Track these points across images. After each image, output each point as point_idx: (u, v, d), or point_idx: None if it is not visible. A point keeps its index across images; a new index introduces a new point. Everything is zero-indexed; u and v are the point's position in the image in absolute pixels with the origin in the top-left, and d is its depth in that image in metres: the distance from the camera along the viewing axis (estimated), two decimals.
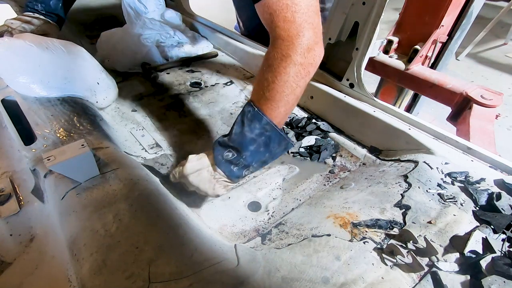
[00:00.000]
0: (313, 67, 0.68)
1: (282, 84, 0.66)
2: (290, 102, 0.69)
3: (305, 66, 0.66)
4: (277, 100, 0.68)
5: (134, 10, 1.47)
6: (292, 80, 0.66)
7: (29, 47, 0.91)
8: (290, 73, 0.65)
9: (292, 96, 0.68)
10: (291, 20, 0.63)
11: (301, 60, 0.65)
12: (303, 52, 0.65)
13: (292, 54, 0.64)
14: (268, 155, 0.73)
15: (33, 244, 0.63)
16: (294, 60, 0.65)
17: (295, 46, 0.64)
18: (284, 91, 0.67)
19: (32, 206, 0.70)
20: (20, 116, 0.87)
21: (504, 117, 2.51)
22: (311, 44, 0.65)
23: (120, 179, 0.68)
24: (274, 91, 0.67)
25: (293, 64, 0.65)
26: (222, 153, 0.72)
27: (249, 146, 0.70)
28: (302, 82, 0.68)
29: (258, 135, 0.69)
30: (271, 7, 0.62)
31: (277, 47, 0.65)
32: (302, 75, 0.67)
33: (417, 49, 1.43)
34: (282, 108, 0.69)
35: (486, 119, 1.19)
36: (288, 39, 0.64)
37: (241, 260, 0.58)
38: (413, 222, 0.66)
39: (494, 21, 3.27)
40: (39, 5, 1.11)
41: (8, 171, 0.78)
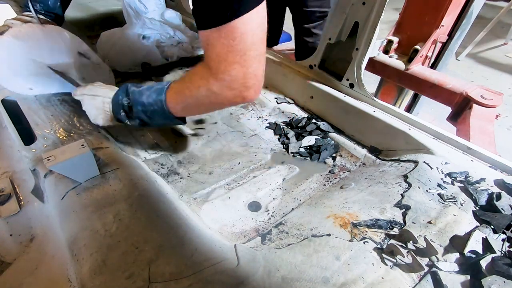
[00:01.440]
0: (230, 103, 0.71)
1: (190, 94, 0.71)
2: (189, 109, 0.77)
3: (219, 98, 0.68)
4: (179, 100, 0.75)
5: (134, 10, 1.47)
6: (200, 98, 0.70)
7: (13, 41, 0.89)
8: (201, 92, 0.69)
9: (194, 108, 0.76)
10: (223, 57, 0.62)
11: (217, 91, 0.67)
12: (222, 87, 0.66)
13: (211, 82, 0.66)
14: (150, 121, 0.81)
15: (33, 244, 0.63)
16: (210, 87, 0.67)
17: (217, 79, 0.65)
18: (188, 100, 0.73)
19: (32, 206, 0.70)
20: (20, 116, 0.87)
21: (504, 117, 2.50)
22: (235, 86, 0.65)
23: (120, 179, 0.68)
24: (182, 93, 0.73)
25: (206, 89, 0.67)
26: (123, 96, 0.80)
27: (138, 106, 0.78)
28: (210, 106, 0.75)
29: (150, 104, 0.77)
30: (209, 40, 0.62)
31: (204, 68, 0.67)
32: (211, 101, 0.70)
33: (417, 49, 1.43)
34: (180, 106, 0.76)
35: (486, 119, 1.19)
36: (214, 70, 0.64)
37: (241, 260, 0.58)
38: (413, 222, 0.66)
39: (494, 21, 3.27)
40: (38, 5, 1.11)
41: (8, 171, 0.78)
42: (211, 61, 0.64)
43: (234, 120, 1.17)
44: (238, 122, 1.16)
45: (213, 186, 0.89)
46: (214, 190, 0.88)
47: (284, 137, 1.08)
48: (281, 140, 1.08)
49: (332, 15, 1.05)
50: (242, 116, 1.19)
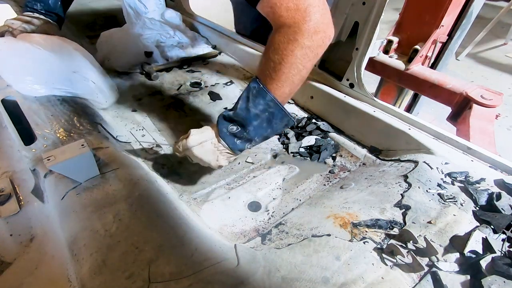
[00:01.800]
0: (321, 48, 0.70)
1: (289, 66, 0.68)
2: (295, 82, 0.71)
3: (312, 48, 0.68)
4: (283, 80, 0.70)
5: (134, 10, 1.47)
6: (299, 62, 0.68)
7: (34, 49, 0.91)
8: (297, 55, 0.67)
9: (298, 76, 0.71)
10: (294, 8, 0.64)
11: (309, 43, 0.67)
12: (310, 36, 0.66)
13: (299, 38, 0.66)
14: (270, 131, 0.76)
15: (33, 244, 0.63)
16: (301, 43, 0.66)
17: (302, 31, 0.65)
18: (290, 72, 0.69)
19: (32, 206, 0.70)
20: (20, 116, 0.87)
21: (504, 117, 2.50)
22: (319, 27, 0.66)
23: (120, 179, 0.68)
24: (280, 72, 0.69)
25: (300, 47, 0.66)
26: (226, 126, 0.75)
27: (253, 121, 0.73)
28: (309, 63, 0.70)
29: (262, 111, 0.72)
30: (271, 1, 0.64)
31: (283, 32, 0.67)
32: (309, 57, 0.69)
33: (417, 49, 1.43)
34: (287, 88, 0.71)
35: (486, 119, 1.19)
36: (294, 25, 0.65)
37: (241, 260, 0.58)
38: (413, 222, 0.66)
39: (494, 21, 3.27)
40: (39, 5, 1.11)
41: (8, 171, 0.78)
42: (285, 19, 0.65)
43: None
44: None
45: (213, 186, 0.89)
46: (214, 190, 0.88)
47: (284, 137, 1.08)
48: (281, 140, 1.08)
49: (332, 15, 1.05)
50: None
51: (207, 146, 0.77)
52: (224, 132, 0.75)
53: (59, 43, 1.00)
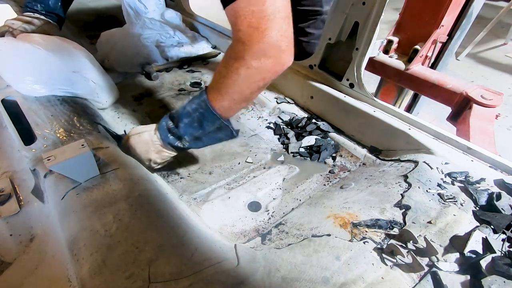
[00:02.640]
0: (270, 73, 0.69)
1: (231, 82, 0.69)
2: (235, 100, 0.72)
3: (260, 71, 0.67)
4: (223, 94, 0.71)
5: (134, 10, 1.47)
6: (241, 81, 0.68)
7: (35, 49, 0.91)
8: (241, 74, 0.67)
9: (239, 95, 0.71)
10: (255, 26, 0.62)
11: (256, 65, 0.65)
12: (259, 58, 0.65)
13: (247, 58, 0.65)
14: (201, 132, 0.76)
15: (33, 244, 0.63)
16: (248, 63, 0.65)
17: (252, 50, 0.64)
18: (231, 88, 0.69)
19: (32, 206, 0.70)
20: (20, 116, 0.87)
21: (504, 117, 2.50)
22: (272, 51, 0.65)
23: (120, 179, 0.68)
24: (222, 85, 0.70)
25: (246, 67, 0.66)
26: (166, 120, 0.78)
27: (184, 118, 0.75)
28: (253, 85, 0.70)
29: (194, 110, 0.74)
30: (238, 12, 0.62)
31: (235, 48, 0.67)
32: (254, 79, 0.68)
33: (417, 49, 1.43)
34: (226, 102, 0.72)
35: (486, 119, 1.19)
36: (248, 43, 0.64)
37: (241, 260, 0.58)
38: (413, 222, 0.66)
39: (494, 21, 3.27)
40: (39, 5, 1.11)
41: (8, 171, 0.78)
42: (242, 35, 0.64)
43: (234, 120, 1.17)
44: (238, 122, 1.16)
45: (213, 186, 0.89)
46: (214, 190, 0.88)
47: (284, 137, 1.08)
48: (281, 140, 1.08)
49: (332, 15, 1.05)
50: (242, 116, 1.19)
51: (143, 136, 0.80)
52: (162, 125, 0.79)
53: (59, 43, 1.00)
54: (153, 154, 0.80)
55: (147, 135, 0.80)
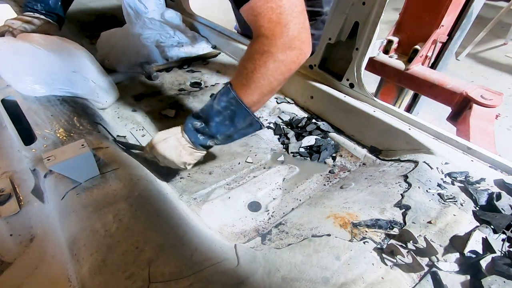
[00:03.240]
0: (295, 64, 0.72)
1: (260, 75, 0.70)
2: (264, 92, 0.73)
3: (286, 63, 0.70)
4: (252, 88, 0.72)
5: (134, 10, 1.47)
6: (270, 74, 0.70)
7: (35, 49, 0.91)
8: (269, 67, 0.69)
9: (268, 87, 0.73)
10: (276, 21, 0.65)
11: (282, 58, 0.68)
12: (285, 50, 0.68)
13: (274, 51, 0.67)
14: (232, 130, 0.77)
15: (33, 244, 0.63)
16: (275, 56, 0.68)
17: (277, 44, 0.67)
18: (260, 82, 0.71)
19: (32, 206, 0.70)
20: (20, 116, 0.87)
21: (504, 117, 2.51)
22: (295, 43, 0.68)
23: (120, 179, 0.68)
24: (251, 80, 0.71)
25: (273, 60, 0.68)
26: (192, 122, 0.78)
27: (215, 117, 0.75)
28: (280, 77, 0.72)
29: (224, 108, 0.74)
30: (256, 10, 0.65)
31: (260, 42, 0.68)
32: (281, 71, 0.70)
33: (417, 49, 1.43)
34: (256, 96, 0.73)
35: (486, 119, 1.19)
36: (272, 37, 0.67)
37: (241, 260, 0.58)
38: (413, 222, 0.66)
39: (494, 21, 3.27)
40: (39, 5, 1.11)
41: (8, 171, 0.78)
42: (265, 30, 0.66)
43: None
44: None
45: (213, 186, 0.89)
46: (214, 190, 0.88)
47: (284, 137, 1.08)
48: (281, 140, 1.08)
49: (332, 15, 1.05)
50: None
51: (170, 141, 0.79)
52: (189, 127, 0.78)
53: (59, 43, 1.00)
54: (186, 157, 0.80)
55: (174, 140, 0.79)
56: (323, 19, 1.36)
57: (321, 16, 1.34)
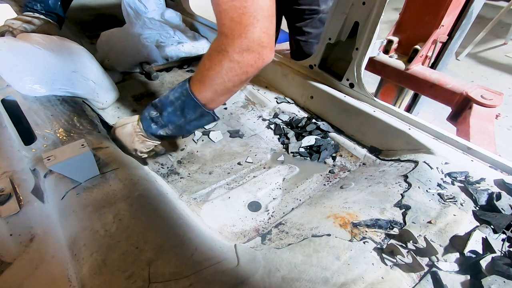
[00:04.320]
0: (253, 68, 0.71)
1: (214, 74, 0.71)
2: (218, 91, 0.74)
3: (242, 65, 0.69)
4: (206, 85, 0.73)
5: (134, 10, 1.47)
6: (225, 74, 0.70)
7: (35, 49, 0.91)
8: (223, 66, 0.69)
9: (221, 87, 0.73)
10: (237, 20, 0.64)
11: (238, 59, 0.68)
12: (242, 52, 0.67)
13: (230, 51, 0.67)
14: (183, 120, 0.79)
15: (33, 244, 0.63)
16: (230, 56, 0.68)
17: (235, 44, 0.66)
18: (214, 80, 0.72)
19: (32, 206, 0.70)
20: (20, 116, 0.87)
21: (504, 117, 2.50)
22: (254, 47, 0.67)
23: (120, 179, 0.68)
24: (206, 77, 0.72)
25: (228, 60, 0.68)
26: (149, 111, 0.81)
27: (168, 108, 0.78)
28: (235, 78, 0.72)
29: (177, 98, 0.77)
30: (221, 5, 0.64)
31: (219, 41, 0.69)
32: (236, 72, 0.70)
33: (417, 49, 1.43)
34: (209, 93, 0.74)
35: (486, 119, 1.19)
36: (230, 37, 0.66)
37: (241, 260, 0.58)
38: (413, 222, 0.66)
39: (494, 21, 3.27)
40: (38, 5, 1.11)
41: (8, 171, 0.78)
42: (225, 28, 0.66)
43: (234, 120, 1.17)
44: (238, 122, 1.16)
45: (213, 186, 0.89)
46: (214, 190, 0.88)
47: (284, 137, 1.08)
48: (281, 140, 1.08)
49: (332, 15, 1.05)
50: (242, 116, 1.19)
51: (127, 128, 0.84)
52: (145, 116, 0.82)
53: (59, 43, 1.00)
54: (138, 145, 0.84)
55: (130, 127, 0.83)
56: (320, 17, 1.36)
57: (318, 14, 1.34)
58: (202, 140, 1.06)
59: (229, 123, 1.15)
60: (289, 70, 1.24)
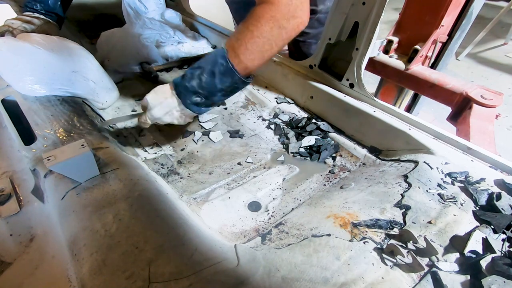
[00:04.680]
0: (295, 32, 0.77)
1: (265, 40, 0.75)
2: (265, 58, 0.79)
3: (288, 30, 0.75)
4: (256, 52, 0.76)
5: (134, 10, 1.47)
6: (273, 40, 0.75)
7: (35, 49, 0.91)
8: (273, 33, 0.74)
9: (269, 53, 0.78)
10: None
11: (285, 25, 0.74)
12: (288, 18, 0.73)
13: (279, 18, 0.73)
14: (223, 93, 0.82)
15: (33, 244, 0.63)
16: (279, 23, 0.73)
17: (282, 12, 0.72)
18: (264, 47, 0.76)
19: (32, 206, 0.70)
20: (20, 116, 0.87)
21: (504, 117, 2.50)
22: (297, 12, 0.73)
23: (120, 179, 0.68)
24: (255, 44, 0.75)
25: (277, 27, 0.73)
26: (190, 98, 0.82)
27: (218, 93, 0.81)
28: (281, 43, 0.77)
29: (228, 87, 0.80)
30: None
31: (265, 8, 0.72)
32: (283, 37, 0.76)
33: (417, 49, 1.43)
34: (257, 61, 0.78)
35: (486, 119, 1.19)
36: (277, 5, 0.72)
37: (241, 260, 0.58)
38: (413, 222, 0.66)
39: (494, 21, 3.27)
40: (38, 5, 1.11)
41: (8, 171, 0.78)
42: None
43: (234, 120, 1.17)
44: (238, 122, 1.16)
45: (213, 186, 0.89)
46: (214, 190, 0.88)
47: (284, 137, 1.08)
48: (281, 140, 1.08)
49: (332, 15, 1.05)
50: (242, 116, 1.19)
51: (174, 114, 0.86)
52: (188, 103, 0.83)
53: (59, 43, 1.00)
54: (188, 119, 0.89)
55: (176, 113, 0.86)
56: (318, 17, 1.36)
57: (316, 14, 1.35)
58: (202, 140, 1.06)
59: (229, 123, 1.15)
60: (289, 70, 1.24)
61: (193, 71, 0.80)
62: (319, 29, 1.39)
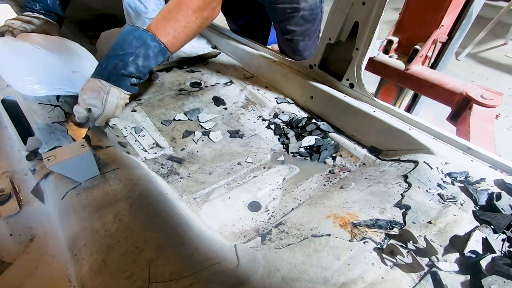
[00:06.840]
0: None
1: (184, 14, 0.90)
2: (185, 32, 0.92)
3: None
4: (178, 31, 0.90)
5: (134, 10, 1.47)
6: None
7: (35, 49, 0.91)
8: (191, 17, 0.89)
9: (189, 29, 0.92)
10: None
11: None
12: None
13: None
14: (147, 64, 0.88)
15: (33, 244, 0.63)
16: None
17: None
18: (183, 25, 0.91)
19: (32, 206, 0.70)
20: (20, 116, 0.87)
21: (504, 117, 2.50)
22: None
23: (120, 179, 0.68)
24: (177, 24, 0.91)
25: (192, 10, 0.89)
26: (128, 82, 0.86)
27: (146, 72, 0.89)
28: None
29: (156, 59, 0.88)
30: None
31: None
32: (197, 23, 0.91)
33: (417, 49, 1.43)
34: (174, 33, 0.90)
35: (486, 119, 1.19)
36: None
37: (241, 260, 0.58)
38: (413, 222, 0.66)
39: (494, 21, 3.27)
40: (37, 5, 1.11)
41: (8, 171, 0.78)
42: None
43: (234, 120, 1.17)
44: (238, 122, 1.16)
45: (213, 186, 0.89)
46: (214, 190, 0.88)
47: (284, 137, 1.08)
48: (281, 140, 1.08)
49: (332, 15, 1.05)
50: (242, 116, 1.19)
51: (120, 103, 0.88)
52: (129, 87, 0.87)
53: (59, 43, 1.00)
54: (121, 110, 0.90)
55: (122, 102, 0.89)
56: (302, 15, 1.37)
57: (299, 12, 1.36)
58: (202, 140, 1.06)
59: (229, 123, 1.15)
60: (289, 70, 1.24)
61: (123, 57, 0.84)
62: (304, 26, 1.42)
